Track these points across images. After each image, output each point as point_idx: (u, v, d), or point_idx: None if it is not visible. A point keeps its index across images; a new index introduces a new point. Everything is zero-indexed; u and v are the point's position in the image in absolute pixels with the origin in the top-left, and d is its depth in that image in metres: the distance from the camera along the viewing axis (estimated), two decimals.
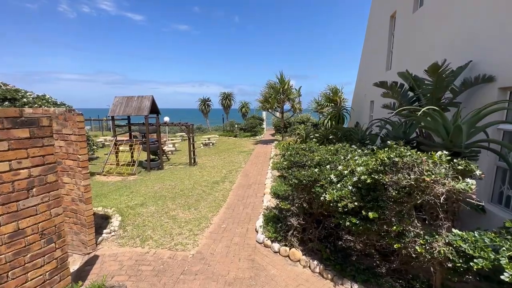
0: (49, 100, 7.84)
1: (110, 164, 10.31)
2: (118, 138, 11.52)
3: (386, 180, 2.58)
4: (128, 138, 11.87)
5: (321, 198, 3.21)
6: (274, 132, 23.32)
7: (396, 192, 2.57)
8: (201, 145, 16.44)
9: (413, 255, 2.64)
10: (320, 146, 4.50)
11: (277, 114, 19.07)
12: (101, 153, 13.51)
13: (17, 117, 2.35)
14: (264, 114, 26.55)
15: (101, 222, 4.82)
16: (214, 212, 5.58)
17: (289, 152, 4.28)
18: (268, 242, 4.23)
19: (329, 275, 3.39)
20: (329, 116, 14.37)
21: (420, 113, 3.48)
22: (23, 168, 2.41)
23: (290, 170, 3.95)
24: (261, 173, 9.20)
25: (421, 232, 2.64)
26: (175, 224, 4.94)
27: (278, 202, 5.02)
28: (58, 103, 8.17)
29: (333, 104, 16.73)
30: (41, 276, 2.59)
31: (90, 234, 3.94)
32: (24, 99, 7.67)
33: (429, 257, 2.49)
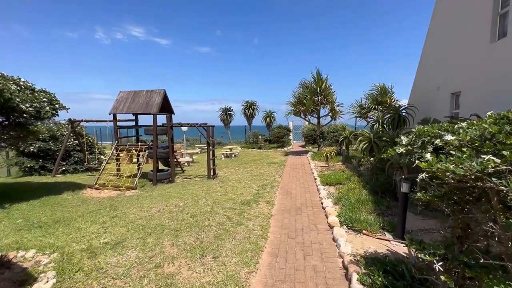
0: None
1: (110, 175, 8.06)
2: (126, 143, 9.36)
3: None
4: (135, 142, 9.71)
5: None
6: (304, 143, 20.42)
7: None
8: (222, 156, 13.98)
9: None
10: None
11: (310, 119, 16.25)
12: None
13: None
14: (291, 124, 23.86)
15: None
16: (250, 265, 2.83)
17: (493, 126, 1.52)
18: None
19: None
20: (380, 120, 11.36)
21: None
22: None
23: None
24: (308, 190, 6.37)
25: None
26: None
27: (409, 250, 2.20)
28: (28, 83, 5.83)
29: (380, 108, 13.74)
30: None
31: None
32: None
33: None
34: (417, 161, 1.81)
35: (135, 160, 10.45)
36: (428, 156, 1.89)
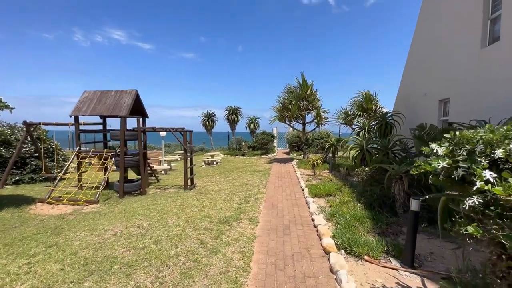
0: None
1: (71, 186, 6.95)
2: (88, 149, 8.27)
3: None
4: (103, 148, 8.63)
5: None
6: (288, 150, 19.95)
7: None
8: (203, 163, 13.09)
9: None
10: None
11: (295, 125, 15.80)
12: (75, 175, 10.14)
13: None
14: (275, 130, 23.40)
15: None
16: None
17: None
18: None
19: None
20: (366, 127, 11.08)
21: None
22: None
23: None
24: (296, 203, 5.72)
25: None
26: None
27: None
28: None
29: (365, 115, 13.55)
30: None
31: None
32: None
33: None
34: (479, 184, 1.18)
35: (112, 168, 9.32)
36: (487, 174, 1.27)
